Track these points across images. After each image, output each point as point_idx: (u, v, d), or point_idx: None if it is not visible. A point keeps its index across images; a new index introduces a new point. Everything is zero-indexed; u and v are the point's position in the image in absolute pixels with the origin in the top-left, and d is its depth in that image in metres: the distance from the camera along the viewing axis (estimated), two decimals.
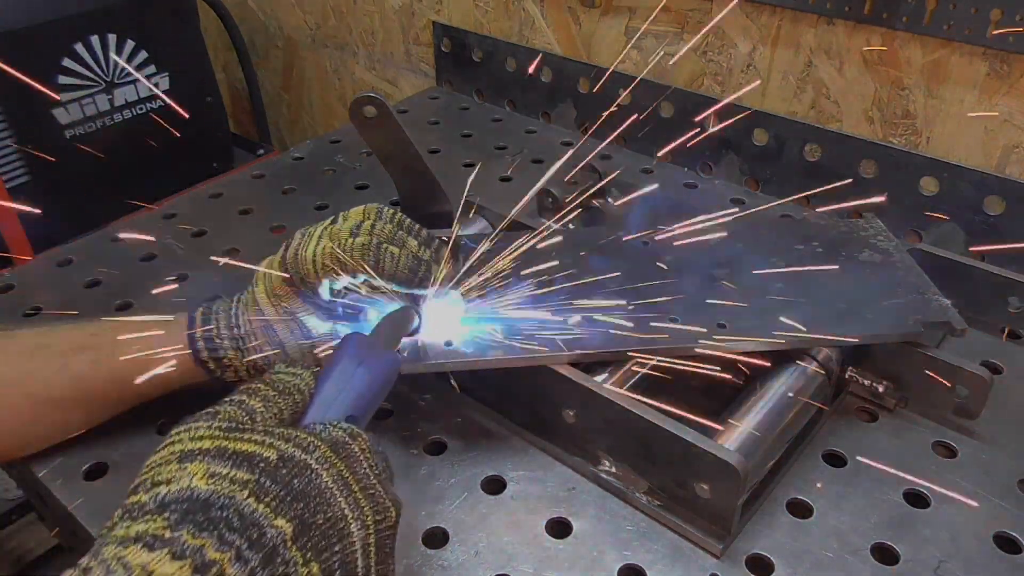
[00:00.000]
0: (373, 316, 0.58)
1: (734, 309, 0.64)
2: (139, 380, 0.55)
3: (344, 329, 0.58)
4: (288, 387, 0.46)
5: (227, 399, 0.45)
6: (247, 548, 0.35)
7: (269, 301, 0.58)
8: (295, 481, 0.38)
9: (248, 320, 0.58)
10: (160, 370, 0.55)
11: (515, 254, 0.65)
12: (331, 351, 0.55)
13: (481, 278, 0.63)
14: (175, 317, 0.59)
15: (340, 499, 0.39)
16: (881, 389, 0.65)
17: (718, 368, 0.69)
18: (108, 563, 0.33)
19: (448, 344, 0.61)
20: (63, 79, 1.30)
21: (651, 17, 1.03)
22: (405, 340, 0.58)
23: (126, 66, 1.36)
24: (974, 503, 0.59)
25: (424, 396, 0.69)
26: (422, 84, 1.39)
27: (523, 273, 0.65)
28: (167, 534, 0.34)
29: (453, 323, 0.61)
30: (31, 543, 1.43)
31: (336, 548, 0.38)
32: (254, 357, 0.57)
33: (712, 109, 0.93)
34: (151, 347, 0.56)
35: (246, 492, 0.37)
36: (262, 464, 0.38)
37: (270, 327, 0.58)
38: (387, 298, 0.58)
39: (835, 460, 0.63)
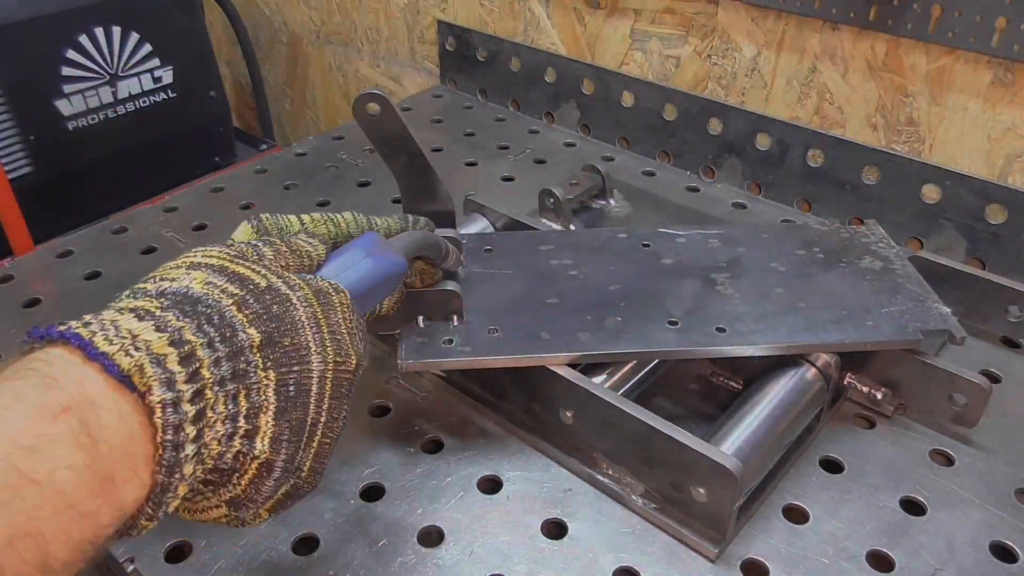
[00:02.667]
0: None
1: (733, 313, 0.64)
2: None
3: None
4: (301, 250, 0.50)
5: (245, 241, 0.49)
6: (219, 341, 0.40)
7: None
8: (274, 307, 0.44)
9: None
10: None
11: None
12: None
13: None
14: None
15: (308, 333, 0.44)
16: (879, 396, 0.65)
17: (716, 371, 0.69)
18: (104, 322, 0.39)
19: (448, 342, 0.62)
20: (67, 70, 1.30)
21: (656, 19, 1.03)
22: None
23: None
24: (971, 511, 0.59)
25: (422, 394, 0.69)
26: (426, 82, 1.39)
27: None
28: (157, 312, 0.40)
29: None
30: None
31: (295, 368, 0.43)
32: None
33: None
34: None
35: (231, 301, 0.42)
36: (251, 286, 0.44)
37: None
38: None
39: (832, 466, 0.63)
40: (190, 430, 0.38)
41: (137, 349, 0.38)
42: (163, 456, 0.38)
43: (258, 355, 0.42)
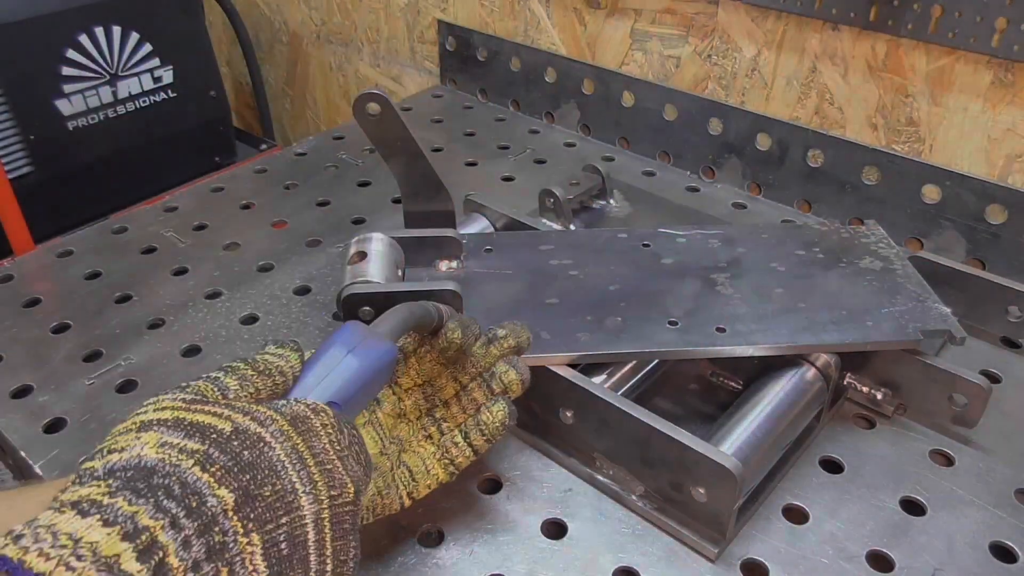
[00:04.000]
0: None
1: (733, 313, 0.64)
2: None
3: None
4: (270, 368, 0.44)
5: (204, 375, 0.43)
6: (184, 516, 0.35)
7: None
8: (245, 453, 0.38)
9: None
10: None
11: None
12: None
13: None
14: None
15: (291, 472, 0.39)
16: (879, 396, 0.65)
17: (716, 371, 0.69)
18: (38, 532, 0.33)
19: None
20: (67, 70, 1.30)
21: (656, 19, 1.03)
22: None
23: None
24: (970, 511, 0.59)
25: None
26: (426, 82, 1.39)
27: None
28: (105, 500, 0.34)
29: None
30: None
31: (283, 520, 0.38)
32: None
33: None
34: None
35: (192, 462, 0.36)
36: (214, 435, 0.38)
37: None
38: None
39: (832, 466, 0.63)
40: None
41: (80, 559, 0.31)
42: None
43: (235, 519, 0.36)
